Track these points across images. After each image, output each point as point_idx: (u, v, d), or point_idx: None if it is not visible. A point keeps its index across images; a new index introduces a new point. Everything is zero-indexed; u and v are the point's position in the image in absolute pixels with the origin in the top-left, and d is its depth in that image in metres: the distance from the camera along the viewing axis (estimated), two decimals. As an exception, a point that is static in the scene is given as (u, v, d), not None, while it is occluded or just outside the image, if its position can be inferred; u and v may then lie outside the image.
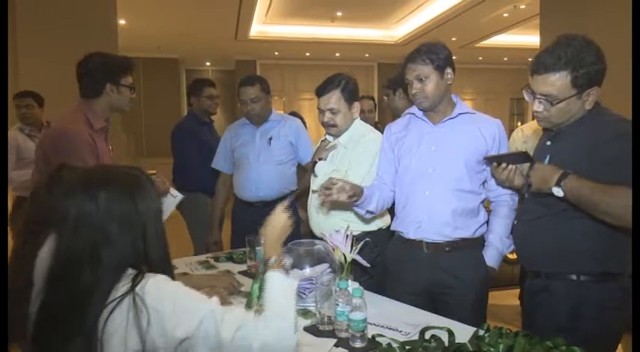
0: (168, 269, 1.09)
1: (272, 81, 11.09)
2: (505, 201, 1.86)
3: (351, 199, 1.78)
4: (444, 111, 1.85)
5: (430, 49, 1.80)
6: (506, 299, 3.66)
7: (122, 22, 7.47)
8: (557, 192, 1.39)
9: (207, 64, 11.68)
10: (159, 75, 10.77)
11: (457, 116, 1.85)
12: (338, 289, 1.39)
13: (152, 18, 7.57)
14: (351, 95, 2.07)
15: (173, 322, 0.97)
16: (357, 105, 2.11)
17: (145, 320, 0.95)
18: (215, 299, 1.05)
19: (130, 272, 1.03)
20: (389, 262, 1.95)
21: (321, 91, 2.07)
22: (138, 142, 10.80)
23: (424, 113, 1.89)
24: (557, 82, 1.43)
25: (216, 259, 2.29)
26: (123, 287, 0.99)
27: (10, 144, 3.24)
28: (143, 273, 1.03)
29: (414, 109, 1.93)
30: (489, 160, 1.70)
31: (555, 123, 1.52)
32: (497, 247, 1.82)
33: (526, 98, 1.55)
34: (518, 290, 3.43)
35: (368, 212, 1.90)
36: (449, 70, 1.81)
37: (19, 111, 3.43)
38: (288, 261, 1.30)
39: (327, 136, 2.20)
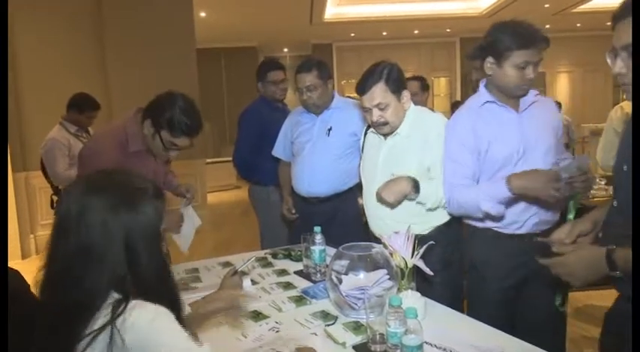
0: (166, 298, 0.96)
1: (349, 64, 10.92)
2: None
3: None
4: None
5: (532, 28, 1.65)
6: (606, 299, 3.21)
7: (203, 14, 7.67)
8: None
9: (285, 50, 11.72)
10: (239, 63, 10.99)
11: (536, 98, 1.75)
12: (389, 306, 1.20)
13: (230, 8, 7.69)
14: (398, 84, 1.82)
15: None
16: (406, 95, 1.85)
17: None
18: (206, 348, 0.93)
19: (114, 297, 0.91)
20: (481, 263, 1.78)
21: (362, 88, 1.82)
22: (221, 131, 11.17)
23: (499, 99, 1.73)
24: None
25: (274, 256, 2.19)
26: (102, 317, 0.88)
27: (64, 144, 3.34)
28: (127, 300, 0.90)
29: (489, 96, 1.73)
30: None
31: None
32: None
33: (608, 62, 1.17)
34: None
35: None
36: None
37: (88, 121, 3.51)
38: None
39: (371, 133, 1.97)
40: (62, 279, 0.90)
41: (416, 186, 1.73)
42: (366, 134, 2.04)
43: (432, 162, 1.81)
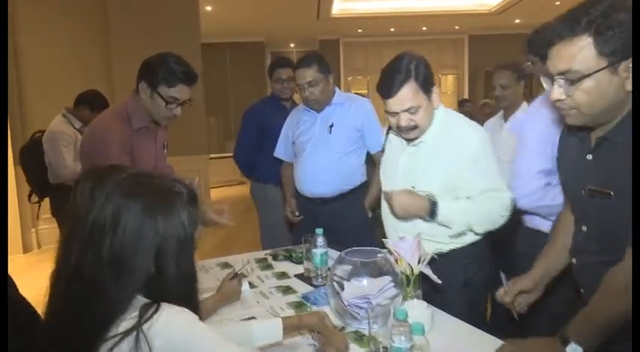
0: (190, 307, 0.92)
1: (356, 60, 10.76)
2: None
3: None
4: None
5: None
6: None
7: (208, 8, 7.60)
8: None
9: (292, 45, 11.62)
10: (245, 58, 10.92)
11: None
12: (394, 320, 1.12)
13: (236, 2, 7.60)
14: (428, 80, 1.53)
15: None
16: (436, 91, 1.55)
17: None
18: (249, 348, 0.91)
19: (141, 300, 0.88)
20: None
21: (387, 90, 1.51)
22: (226, 126, 11.11)
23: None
24: (577, 52, 1.02)
25: (275, 257, 2.12)
26: (128, 319, 0.84)
27: (70, 136, 3.26)
28: (157, 305, 0.87)
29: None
30: None
31: (588, 114, 1.07)
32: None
33: (545, 87, 1.15)
34: None
35: None
36: None
37: (83, 119, 3.37)
38: None
39: (393, 135, 1.71)
40: (89, 289, 0.85)
41: (433, 210, 1.52)
42: (387, 133, 1.77)
43: (463, 182, 1.55)
